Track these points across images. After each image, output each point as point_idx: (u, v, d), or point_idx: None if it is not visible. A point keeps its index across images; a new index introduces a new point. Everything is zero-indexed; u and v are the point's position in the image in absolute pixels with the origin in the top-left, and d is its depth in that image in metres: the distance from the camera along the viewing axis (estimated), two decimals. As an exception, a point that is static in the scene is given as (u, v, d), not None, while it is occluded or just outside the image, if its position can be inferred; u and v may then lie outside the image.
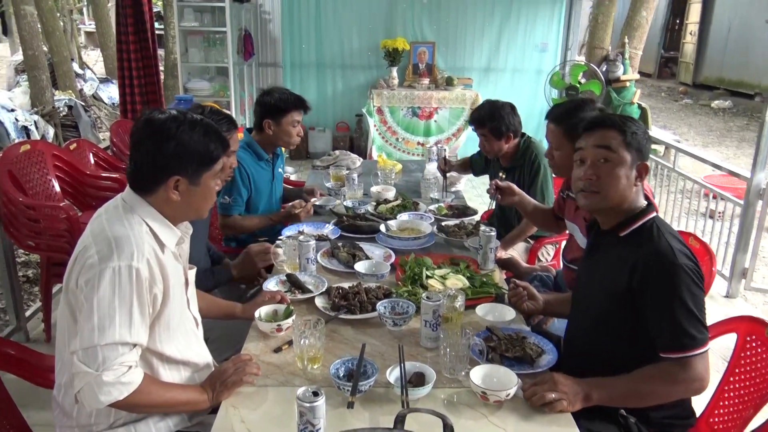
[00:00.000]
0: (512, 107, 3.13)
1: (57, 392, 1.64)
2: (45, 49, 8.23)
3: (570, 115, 2.37)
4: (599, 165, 1.75)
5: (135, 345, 1.48)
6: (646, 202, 1.78)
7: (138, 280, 1.46)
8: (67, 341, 1.55)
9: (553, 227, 2.83)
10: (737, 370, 1.93)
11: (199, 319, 1.79)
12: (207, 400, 1.62)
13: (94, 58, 14.66)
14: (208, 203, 1.69)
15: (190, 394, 1.62)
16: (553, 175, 3.08)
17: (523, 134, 3.19)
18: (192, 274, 1.76)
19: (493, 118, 3.06)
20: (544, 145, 2.89)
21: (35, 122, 6.88)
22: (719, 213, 4.64)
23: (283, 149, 3.24)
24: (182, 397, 1.61)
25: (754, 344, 1.90)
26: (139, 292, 1.47)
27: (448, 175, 3.53)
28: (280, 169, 3.20)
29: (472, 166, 3.68)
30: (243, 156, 2.87)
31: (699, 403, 1.86)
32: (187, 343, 1.69)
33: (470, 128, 6.92)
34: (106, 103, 9.80)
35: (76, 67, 9.76)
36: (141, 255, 1.48)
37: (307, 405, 1.36)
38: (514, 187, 2.67)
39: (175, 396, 1.60)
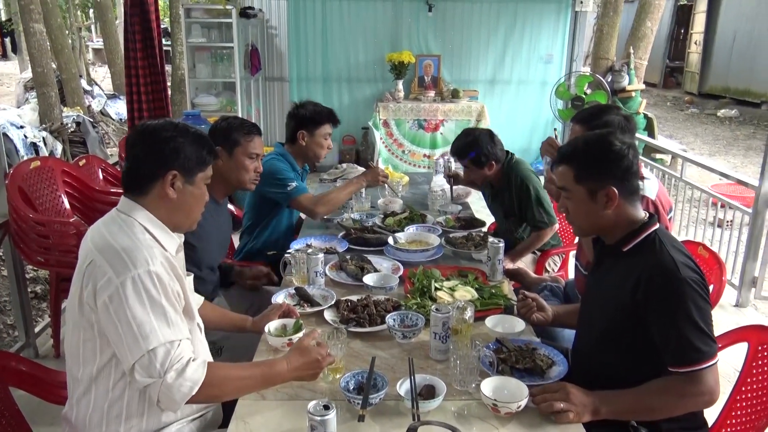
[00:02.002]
0: (491, 135, 3.09)
1: (69, 410, 1.64)
2: (54, 66, 8.32)
3: (595, 117, 2.41)
4: (565, 201, 1.81)
5: (181, 340, 1.50)
6: (647, 215, 1.77)
7: (161, 282, 1.50)
8: (82, 359, 1.56)
9: None
10: (749, 380, 1.91)
11: (202, 325, 1.80)
12: (286, 372, 1.63)
13: (102, 74, 14.80)
14: (200, 207, 1.73)
15: (269, 370, 1.62)
16: None
17: (508, 153, 3.13)
18: (189, 281, 1.77)
19: (471, 149, 3.03)
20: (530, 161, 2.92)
21: (44, 138, 6.94)
22: (728, 222, 4.62)
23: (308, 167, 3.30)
24: (258, 381, 1.61)
25: (765, 353, 1.88)
26: (165, 293, 1.50)
27: (455, 188, 3.54)
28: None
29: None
30: (280, 161, 3.00)
31: (711, 414, 1.85)
32: (195, 347, 1.68)
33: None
34: (113, 119, 9.88)
35: (84, 83, 9.86)
36: (155, 259, 1.51)
37: (318, 418, 1.36)
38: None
39: (253, 381, 1.60)
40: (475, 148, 3.02)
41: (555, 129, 2.96)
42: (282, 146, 3.15)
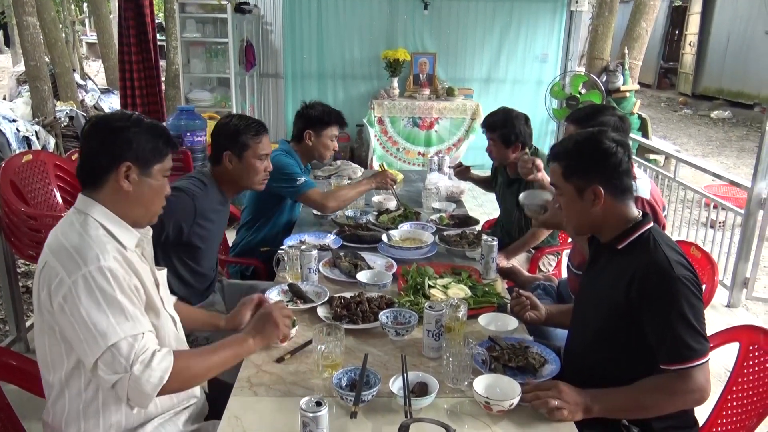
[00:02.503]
0: (527, 119, 3.16)
1: (46, 413, 1.62)
2: (47, 59, 8.27)
3: (590, 117, 2.41)
4: (558, 198, 1.84)
5: (144, 333, 1.47)
6: (641, 213, 1.77)
7: (114, 277, 1.46)
8: (51, 364, 1.54)
9: None
10: (740, 380, 1.92)
11: (177, 318, 1.76)
12: (252, 346, 1.67)
13: (95, 69, 14.73)
14: (159, 199, 1.67)
15: (234, 350, 1.64)
16: None
17: (533, 147, 3.19)
18: (162, 275, 1.75)
19: (505, 125, 3.07)
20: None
21: (36, 132, 6.90)
22: (720, 222, 4.64)
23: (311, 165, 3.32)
24: (227, 355, 1.62)
25: (756, 353, 1.89)
26: (120, 287, 1.46)
27: (450, 186, 3.56)
28: None
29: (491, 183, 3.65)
30: (287, 156, 3.02)
31: (702, 413, 1.86)
32: (167, 343, 1.66)
33: (471, 138, 6.97)
34: (107, 114, 9.83)
35: (77, 77, 9.80)
36: (107, 254, 1.47)
37: (311, 415, 1.36)
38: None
39: (220, 357, 1.61)
40: (509, 124, 3.05)
41: (526, 152, 2.96)
42: (287, 144, 3.16)
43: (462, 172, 3.62)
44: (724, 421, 1.92)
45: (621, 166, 1.71)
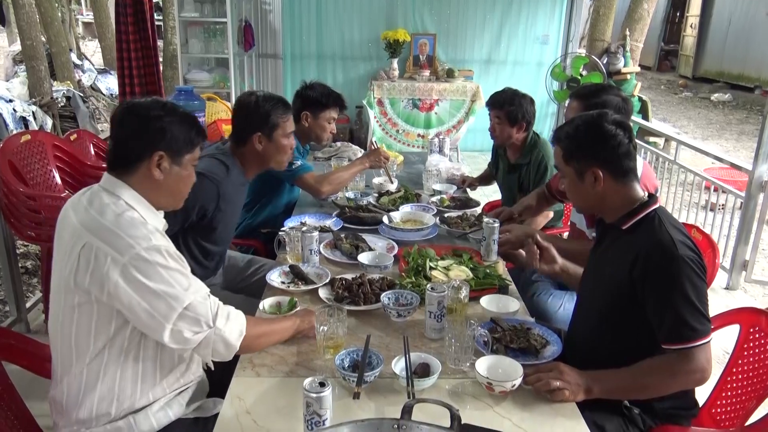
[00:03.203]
0: (532, 100, 3.17)
1: (57, 392, 1.62)
2: (43, 39, 8.19)
3: (594, 95, 2.41)
4: (563, 180, 1.85)
5: (209, 293, 1.55)
6: (646, 194, 1.77)
7: (167, 251, 1.51)
8: (74, 344, 1.54)
9: None
10: (740, 362, 1.93)
11: None
12: (301, 324, 1.82)
13: (92, 48, 14.59)
14: (186, 188, 1.71)
15: (288, 324, 1.79)
16: None
17: (534, 132, 3.20)
18: None
19: (512, 103, 3.09)
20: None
21: (33, 113, 6.85)
22: (720, 206, 4.64)
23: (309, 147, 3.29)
24: (284, 326, 1.78)
25: (757, 335, 1.90)
26: (174, 259, 1.52)
27: (450, 168, 3.55)
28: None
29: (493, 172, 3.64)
30: None
31: (702, 394, 1.87)
32: None
33: (470, 121, 6.93)
34: (104, 94, 9.76)
35: (74, 57, 9.72)
36: (152, 234, 1.51)
37: (314, 395, 1.36)
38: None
39: (275, 326, 1.76)
40: (516, 102, 3.07)
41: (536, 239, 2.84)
42: None
43: (471, 184, 3.58)
44: (724, 402, 1.94)
45: (620, 148, 1.71)
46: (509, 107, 3.08)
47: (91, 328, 1.52)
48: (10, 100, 6.82)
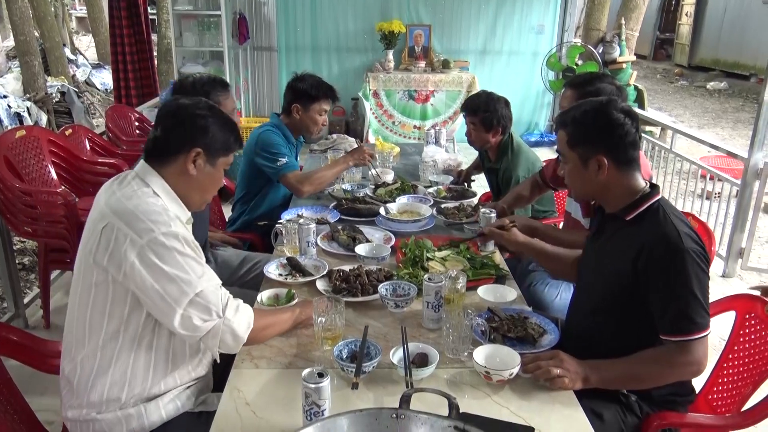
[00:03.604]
0: (507, 103, 3.11)
1: (71, 370, 1.63)
2: (36, 34, 8.15)
3: (588, 83, 2.41)
4: (563, 165, 1.82)
5: (221, 283, 1.60)
6: (648, 185, 1.75)
7: (185, 239, 1.55)
8: (88, 323, 1.57)
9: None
10: (736, 348, 1.95)
11: None
12: (301, 315, 1.85)
13: (85, 43, 14.53)
14: (215, 188, 1.77)
15: (289, 314, 1.82)
16: None
17: (510, 134, 3.14)
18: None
19: (486, 109, 3.04)
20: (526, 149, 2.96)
21: (28, 108, 6.83)
22: (716, 194, 4.66)
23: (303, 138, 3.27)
24: (285, 317, 1.81)
25: (752, 322, 1.92)
26: (190, 246, 1.56)
27: (446, 159, 3.54)
28: (298, 158, 3.23)
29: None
30: (275, 134, 2.97)
31: (698, 381, 1.88)
32: None
33: (467, 111, 6.90)
34: (98, 89, 9.73)
35: (68, 52, 9.68)
36: (173, 221, 1.56)
37: (313, 386, 1.37)
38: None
39: (279, 317, 1.79)
40: (491, 108, 3.03)
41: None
42: (278, 117, 3.10)
43: (467, 177, 3.56)
44: (720, 388, 1.96)
45: (627, 137, 1.69)
46: (483, 113, 3.03)
47: (105, 308, 1.55)
48: (5, 96, 6.80)
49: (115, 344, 1.57)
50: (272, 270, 2.20)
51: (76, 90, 7.98)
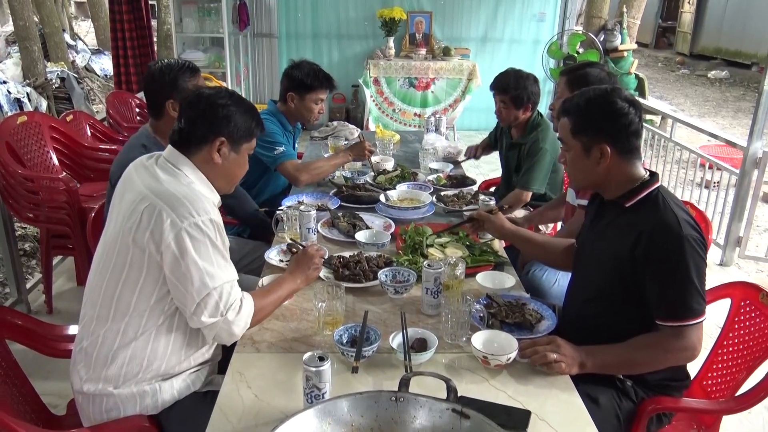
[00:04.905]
0: (536, 79, 3.15)
1: (88, 344, 1.66)
2: (36, 19, 8.11)
3: (577, 68, 2.50)
4: (564, 153, 1.83)
5: (235, 280, 1.65)
6: (648, 173, 1.76)
7: (219, 229, 1.62)
8: (115, 299, 1.61)
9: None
10: (731, 335, 1.97)
11: None
12: (300, 284, 1.88)
13: (85, 28, 14.45)
14: (241, 173, 1.82)
15: (289, 287, 1.85)
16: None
17: (538, 111, 3.17)
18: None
19: (517, 87, 3.05)
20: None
21: (28, 94, 6.81)
22: (715, 183, 4.67)
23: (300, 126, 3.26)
24: (285, 293, 1.83)
25: (748, 309, 1.94)
26: (222, 238, 1.63)
27: (447, 146, 3.55)
28: (297, 145, 3.22)
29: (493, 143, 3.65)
30: (272, 122, 2.96)
31: (693, 367, 1.90)
32: None
33: (467, 99, 6.91)
34: (98, 75, 9.69)
35: (67, 38, 9.62)
36: (212, 209, 1.63)
37: (314, 369, 1.39)
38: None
39: (278, 296, 1.81)
40: (521, 85, 3.05)
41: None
42: (275, 104, 3.09)
43: (477, 155, 3.61)
44: (715, 374, 1.98)
45: (631, 126, 1.69)
46: (514, 91, 3.04)
47: (136, 287, 1.60)
48: (4, 82, 6.77)
49: (140, 321, 1.62)
50: (273, 255, 2.22)
51: (76, 76, 7.95)
